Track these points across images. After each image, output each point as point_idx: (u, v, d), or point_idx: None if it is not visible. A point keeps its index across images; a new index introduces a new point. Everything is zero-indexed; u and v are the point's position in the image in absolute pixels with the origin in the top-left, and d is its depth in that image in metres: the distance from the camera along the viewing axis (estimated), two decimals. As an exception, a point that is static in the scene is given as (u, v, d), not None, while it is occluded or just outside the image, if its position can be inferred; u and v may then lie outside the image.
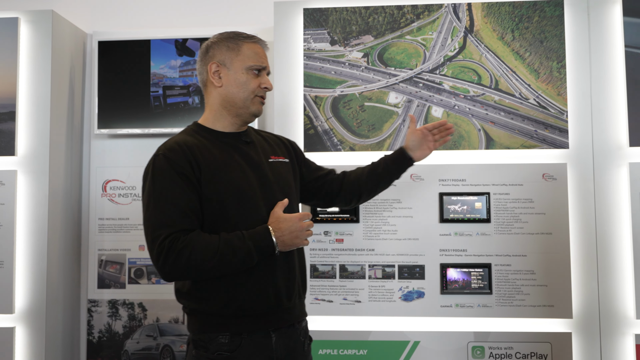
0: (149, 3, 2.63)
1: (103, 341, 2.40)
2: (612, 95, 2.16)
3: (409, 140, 1.79)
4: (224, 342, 1.42)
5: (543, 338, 2.08)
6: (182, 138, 1.50)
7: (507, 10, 2.18)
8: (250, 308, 1.44)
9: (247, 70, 1.51)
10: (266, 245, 1.42)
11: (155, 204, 1.40)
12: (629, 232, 2.09)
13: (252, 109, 1.53)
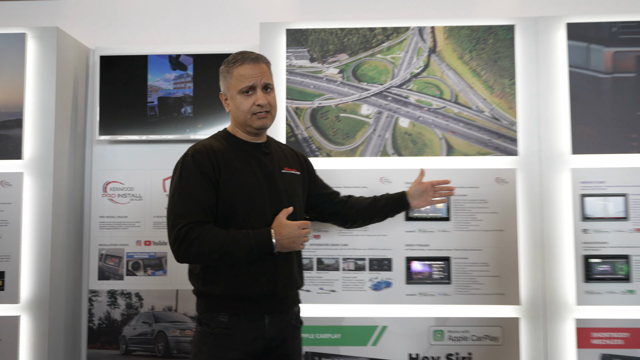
0: (146, 21, 2.63)
1: (102, 328, 2.40)
2: (557, 109, 2.18)
3: (413, 189, 1.84)
4: (224, 321, 1.49)
5: (495, 322, 2.10)
6: (209, 142, 1.58)
7: (466, 33, 2.20)
8: (247, 294, 1.51)
9: (239, 93, 1.55)
10: (267, 245, 1.48)
11: (179, 196, 1.49)
12: (571, 229, 2.12)
13: (254, 125, 1.56)
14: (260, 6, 2.59)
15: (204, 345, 1.50)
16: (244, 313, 1.50)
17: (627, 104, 2.15)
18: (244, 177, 1.54)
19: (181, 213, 1.46)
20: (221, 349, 1.48)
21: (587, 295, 2.08)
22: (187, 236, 1.43)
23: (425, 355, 2.08)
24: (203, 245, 1.44)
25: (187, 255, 1.46)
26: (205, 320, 1.52)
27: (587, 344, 2.07)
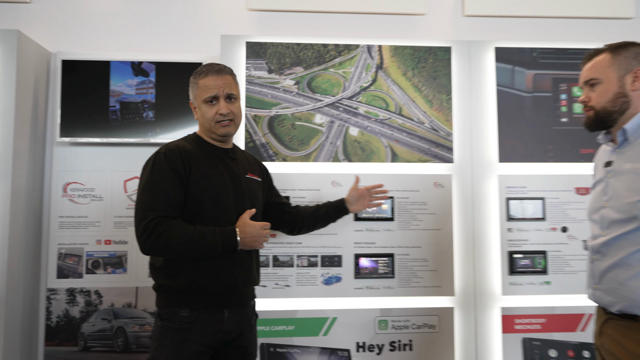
0: (109, 28, 2.57)
1: (60, 325, 2.32)
2: (486, 123, 2.29)
3: (350, 195, 1.94)
4: (185, 316, 1.49)
5: (432, 312, 2.18)
6: (181, 143, 1.59)
7: (409, 52, 2.29)
8: (208, 289, 1.52)
9: (203, 103, 1.58)
10: (231, 242, 1.51)
11: (149, 191, 1.49)
12: (497, 228, 2.23)
13: (218, 132, 1.60)
14: (221, 19, 2.59)
15: (165, 340, 1.50)
16: (205, 307, 1.51)
17: (545, 119, 2.31)
18: (213, 178, 1.57)
19: (151, 207, 1.47)
20: (182, 343, 1.49)
21: (511, 286, 2.21)
22: (156, 229, 1.44)
23: (371, 343, 2.14)
24: (171, 239, 1.45)
25: (154, 247, 1.47)
26: (166, 316, 1.51)
27: (510, 329, 2.20)
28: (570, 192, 2.27)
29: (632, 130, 1.42)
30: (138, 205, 1.50)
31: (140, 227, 1.46)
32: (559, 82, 2.33)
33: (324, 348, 2.12)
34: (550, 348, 2.20)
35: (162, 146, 1.57)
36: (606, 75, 1.45)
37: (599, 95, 1.46)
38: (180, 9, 2.60)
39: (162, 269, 1.53)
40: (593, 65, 1.48)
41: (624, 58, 1.44)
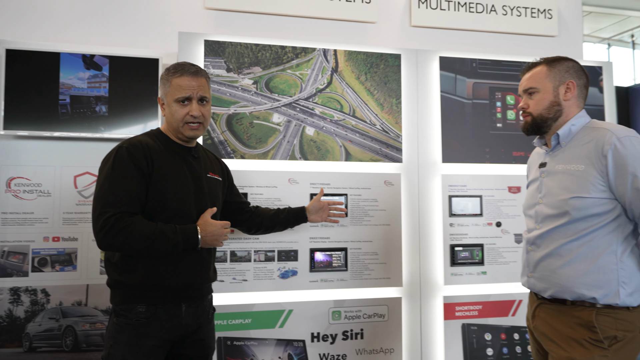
0: (60, 18, 2.44)
1: (3, 326, 2.18)
2: (431, 126, 2.41)
3: (312, 205, 1.98)
4: (142, 311, 1.46)
5: (382, 302, 2.26)
6: (144, 139, 1.54)
7: (362, 57, 2.36)
8: (166, 285, 1.50)
9: (174, 102, 1.55)
10: (192, 240, 1.50)
11: (109, 185, 1.44)
12: (441, 224, 2.36)
13: (186, 134, 1.57)
14: (178, 16, 2.55)
15: (121, 336, 1.46)
16: (162, 303, 1.50)
17: (483, 124, 2.48)
18: (175, 177, 1.55)
19: (111, 202, 1.42)
20: (139, 338, 1.46)
21: (452, 277, 2.35)
22: (116, 225, 1.40)
23: (325, 333, 2.20)
24: (131, 235, 1.42)
25: (113, 242, 1.42)
26: (122, 312, 1.48)
27: (452, 316, 2.34)
28: (503, 191, 2.45)
29: (564, 135, 1.56)
30: (97, 199, 1.45)
31: (99, 222, 1.41)
32: (495, 90, 2.51)
33: (280, 340, 2.15)
34: (485, 332, 2.37)
35: (124, 141, 1.53)
36: (543, 85, 1.57)
37: (536, 102, 1.58)
38: (136, 2, 2.52)
39: (118, 265, 1.49)
40: (532, 75, 1.61)
41: (558, 71, 1.57)
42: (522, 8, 2.90)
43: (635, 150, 1.40)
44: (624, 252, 1.44)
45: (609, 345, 1.39)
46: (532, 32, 2.90)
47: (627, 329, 1.41)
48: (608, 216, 1.44)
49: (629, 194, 1.39)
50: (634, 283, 1.43)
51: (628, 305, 1.42)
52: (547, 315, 1.53)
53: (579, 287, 1.44)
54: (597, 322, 1.41)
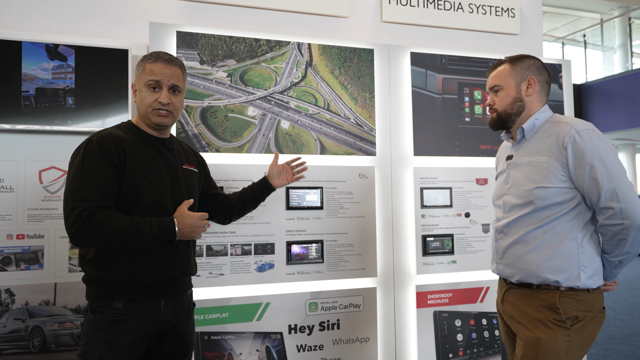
0: (21, 4, 2.29)
1: (-35, 329, 2.04)
2: (403, 120, 2.44)
3: (270, 171, 1.92)
4: (119, 307, 1.41)
5: (358, 292, 2.28)
6: (115, 131, 1.48)
7: (336, 52, 2.35)
8: (144, 280, 1.45)
9: (145, 86, 1.50)
10: (169, 233, 1.45)
11: (80, 179, 1.38)
12: (413, 215, 2.39)
13: (153, 120, 1.52)
14: (148, 5, 2.44)
15: (97, 333, 1.41)
16: (140, 298, 1.44)
17: (452, 118, 2.53)
18: (149, 169, 1.49)
19: (82, 196, 1.36)
20: (117, 335, 1.41)
21: (424, 266, 2.39)
22: (89, 219, 1.34)
23: (302, 325, 2.20)
24: (105, 230, 1.36)
25: (87, 237, 1.36)
26: (98, 308, 1.42)
27: (424, 304, 2.38)
28: (472, 183, 2.51)
29: (528, 129, 1.62)
30: (68, 194, 1.38)
31: (71, 217, 1.35)
32: (463, 86, 2.55)
33: (257, 332, 2.13)
34: (456, 319, 2.43)
35: (94, 133, 1.46)
36: (507, 83, 1.63)
37: (501, 99, 1.64)
38: (102, -9, 2.40)
39: (93, 260, 1.43)
40: (496, 74, 1.66)
41: (520, 68, 1.63)
42: (487, 6, 2.95)
43: (592, 143, 1.46)
44: (583, 238, 1.51)
45: (571, 325, 1.46)
46: (496, 30, 2.97)
47: (588, 309, 1.49)
48: (569, 204, 1.51)
49: (587, 183, 1.46)
50: (593, 267, 1.51)
51: (588, 287, 1.49)
52: (515, 299, 1.58)
53: (543, 271, 1.50)
54: (560, 303, 1.48)
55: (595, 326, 1.51)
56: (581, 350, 1.49)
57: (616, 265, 1.54)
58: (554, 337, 1.45)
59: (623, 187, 1.44)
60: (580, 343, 1.48)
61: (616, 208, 1.43)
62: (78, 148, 1.45)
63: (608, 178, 1.43)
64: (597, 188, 1.44)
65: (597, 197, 1.44)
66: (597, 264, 1.52)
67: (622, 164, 1.51)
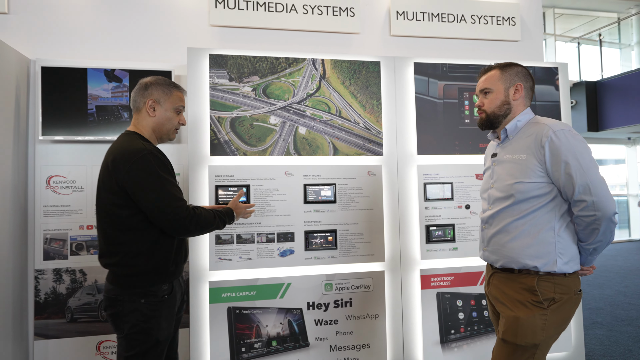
0: (85, 37, 2.54)
1: (49, 301, 2.31)
2: (408, 123, 2.47)
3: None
4: (166, 289, 1.58)
5: (367, 275, 2.34)
6: (149, 146, 1.53)
7: (346, 65, 2.42)
8: (180, 265, 1.65)
9: (174, 109, 1.63)
10: (231, 217, 1.71)
11: (167, 184, 1.49)
12: (417, 207, 2.43)
13: (171, 137, 1.68)
14: (186, 32, 2.63)
15: (154, 312, 1.51)
16: (174, 279, 1.62)
17: (453, 120, 2.54)
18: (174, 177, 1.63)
19: (176, 197, 1.50)
20: (169, 309, 1.58)
21: (428, 252, 2.43)
22: (195, 214, 1.52)
23: (319, 302, 2.29)
24: (203, 220, 1.55)
25: (195, 227, 1.53)
26: (151, 293, 1.52)
27: (428, 285, 2.42)
28: (471, 178, 2.52)
29: (511, 129, 1.64)
30: (165, 199, 1.46)
31: (179, 213, 1.47)
32: (463, 91, 2.56)
33: (280, 308, 2.25)
34: (457, 299, 2.46)
35: (142, 148, 1.49)
36: (496, 87, 1.64)
37: (490, 101, 1.65)
38: (149, 22, 2.61)
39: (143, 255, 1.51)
40: (487, 78, 1.67)
41: (509, 74, 1.64)
42: (489, 17, 2.94)
43: (567, 142, 1.47)
44: (560, 228, 1.52)
45: (548, 306, 1.48)
46: (497, 38, 2.95)
47: (564, 292, 1.50)
48: (546, 197, 1.52)
49: (562, 178, 1.47)
50: (569, 254, 1.52)
51: (564, 272, 1.50)
52: (499, 282, 1.61)
53: (524, 258, 1.52)
54: (538, 286, 1.49)
55: (571, 307, 1.52)
56: (558, 328, 1.51)
57: (591, 252, 1.55)
58: (531, 316, 1.48)
59: (595, 181, 1.44)
60: (556, 322, 1.49)
61: (589, 201, 1.43)
62: (141, 159, 1.46)
63: (581, 174, 1.44)
64: (572, 183, 1.45)
65: (572, 190, 1.45)
66: (573, 251, 1.53)
67: (595, 161, 1.51)
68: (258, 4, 2.67)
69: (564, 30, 8.16)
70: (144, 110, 1.60)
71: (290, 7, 2.70)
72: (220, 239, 2.22)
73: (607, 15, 8.09)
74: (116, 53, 2.55)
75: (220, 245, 2.22)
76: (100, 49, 2.54)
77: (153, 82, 1.61)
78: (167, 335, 1.56)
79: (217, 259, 2.20)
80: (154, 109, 1.60)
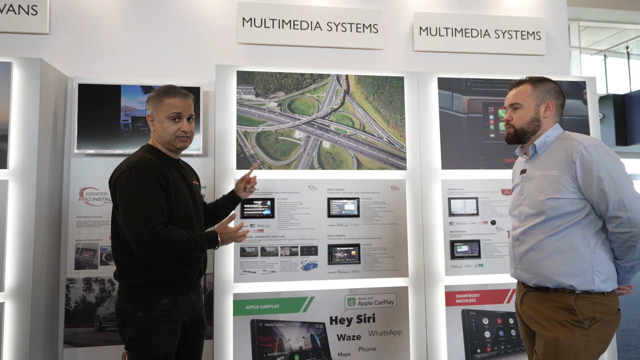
0: (119, 56, 2.64)
1: (79, 309, 2.36)
2: (432, 138, 2.46)
3: (236, 186, 1.99)
4: (166, 303, 1.52)
5: (391, 290, 2.32)
6: (148, 156, 1.52)
7: (370, 81, 2.44)
8: (185, 279, 1.58)
9: (167, 119, 1.57)
10: (214, 242, 1.59)
11: (143, 200, 1.44)
12: (441, 222, 2.40)
13: (177, 146, 1.60)
14: (215, 50, 2.71)
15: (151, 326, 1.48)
16: (180, 294, 1.56)
17: (477, 135, 2.51)
18: (179, 187, 1.58)
19: (149, 215, 1.43)
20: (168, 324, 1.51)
21: (453, 269, 2.38)
22: (160, 235, 1.42)
23: (342, 317, 2.27)
24: (173, 243, 1.45)
25: (157, 250, 1.44)
26: (149, 306, 1.48)
27: (453, 302, 2.37)
28: (497, 193, 2.48)
29: (539, 145, 1.61)
30: (135, 214, 1.42)
31: (143, 233, 1.40)
32: (488, 105, 2.53)
33: (303, 322, 2.24)
34: (483, 317, 2.40)
35: (135, 160, 1.49)
36: (527, 103, 1.61)
37: (519, 117, 1.62)
38: (179, 40, 2.70)
39: (142, 267, 1.49)
40: (517, 92, 1.64)
41: (541, 91, 1.60)
42: (513, 31, 2.92)
43: (599, 157, 1.43)
44: (596, 245, 1.47)
45: (589, 325, 1.42)
46: (522, 52, 2.92)
47: (604, 311, 1.44)
48: (580, 214, 1.47)
49: (595, 194, 1.43)
50: (606, 271, 1.46)
51: (603, 291, 1.45)
52: (533, 301, 1.55)
53: (559, 276, 1.47)
54: (577, 305, 1.44)
55: (612, 327, 1.46)
56: (599, 350, 1.44)
57: (628, 270, 1.49)
58: (572, 337, 1.42)
59: (630, 197, 1.40)
60: (597, 343, 1.43)
61: (624, 217, 1.39)
62: (127, 174, 1.47)
63: (615, 189, 1.40)
64: (605, 199, 1.41)
65: (605, 207, 1.41)
66: (610, 268, 1.47)
67: (628, 176, 1.47)
68: (284, 22, 2.73)
69: (589, 43, 8.00)
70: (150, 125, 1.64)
71: (315, 25, 2.74)
72: (245, 251, 2.24)
73: (634, 27, 7.90)
74: (148, 70, 2.64)
75: (244, 258, 2.23)
76: (133, 66, 2.64)
77: (149, 97, 1.61)
78: (166, 352, 1.49)
79: (241, 271, 2.22)
80: (152, 123, 1.61)
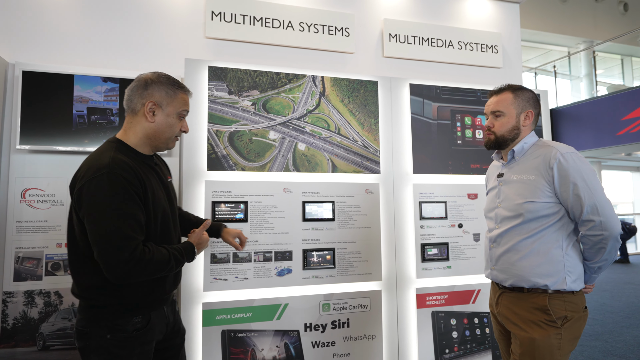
0: (72, 42, 2.36)
1: (17, 327, 2.06)
2: (404, 142, 2.49)
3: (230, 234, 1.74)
4: (138, 321, 1.33)
5: (365, 295, 2.30)
6: (120, 157, 1.28)
7: (345, 83, 2.42)
8: (159, 296, 1.40)
9: (177, 115, 1.38)
10: (192, 255, 1.43)
11: (118, 217, 1.21)
12: (413, 226, 2.44)
13: (170, 146, 1.43)
14: (181, 43, 2.53)
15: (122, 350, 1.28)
16: (154, 310, 1.39)
17: (446, 141, 2.59)
18: (156, 192, 1.37)
19: (127, 235, 1.21)
20: (142, 345, 1.33)
21: (423, 271, 2.43)
22: (142, 258, 1.23)
23: (317, 323, 2.22)
24: (154, 265, 1.27)
25: (138, 274, 1.25)
26: (118, 327, 1.28)
27: (423, 304, 2.41)
28: (464, 197, 2.57)
29: (518, 151, 1.67)
30: (111, 232, 1.19)
31: (123, 257, 1.20)
32: (455, 113, 2.63)
33: (277, 330, 2.15)
34: (451, 318, 2.46)
35: (106, 165, 1.24)
36: (509, 111, 1.66)
37: (501, 125, 1.67)
38: (142, 30, 2.48)
39: (108, 289, 1.28)
40: (499, 100, 1.68)
41: (521, 100, 1.66)
42: (474, 44, 3.06)
43: (575, 164, 1.52)
44: (568, 246, 1.55)
45: (561, 325, 1.49)
46: (482, 64, 3.07)
47: (574, 310, 1.52)
48: (554, 217, 1.55)
49: (571, 199, 1.51)
50: (576, 272, 1.55)
51: (573, 290, 1.53)
52: (509, 302, 1.61)
53: (534, 276, 1.53)
54: (550, 305, 1.51)
55: (581, 324, 1.54)
56: (570, 347, 1.52)
57: (595, 270, 1.59)
58: (547, 337, 1.48)
59: (602, 202, 1.49)
60: (569, 340, 1.50)
61: (596, 221, 1.48)
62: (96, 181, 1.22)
63: (589, 195, 1.48)
64: (580, 203, 1.49)
65: (580, 211, 1.49)
66: (579, 269, 1.56)
67: (600, 183, 1.57)
68: (255, 19, 2.62)
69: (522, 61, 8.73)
70: (141, 113, 1.34)
71: (287, 24, 2.67)
72: (216, 257, 2.11)
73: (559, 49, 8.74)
74: (106, 61, 2.39)
75: (215, 265, 2.10)
76: (90, 55, 2.38)
77: (155, 79, 1.36)
78: None
79: (211, 278, 2.08)
80: (153, 112, 1.34)
